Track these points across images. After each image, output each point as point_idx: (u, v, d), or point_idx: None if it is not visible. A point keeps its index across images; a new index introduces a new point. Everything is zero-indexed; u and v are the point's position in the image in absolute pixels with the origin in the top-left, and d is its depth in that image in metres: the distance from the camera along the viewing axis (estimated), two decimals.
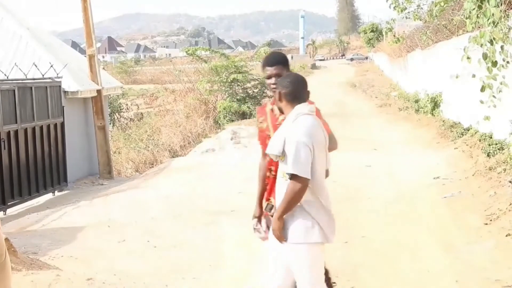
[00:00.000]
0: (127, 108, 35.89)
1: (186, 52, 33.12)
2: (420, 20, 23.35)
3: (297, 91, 4.52)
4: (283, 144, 4.20)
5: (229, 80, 28.67)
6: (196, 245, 8.36)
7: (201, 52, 33.73)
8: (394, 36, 22.48)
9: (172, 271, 7.20)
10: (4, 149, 12.53)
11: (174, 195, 12.14)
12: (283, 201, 4.22)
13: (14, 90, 13.10)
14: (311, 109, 4.46)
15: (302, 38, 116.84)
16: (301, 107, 4.37)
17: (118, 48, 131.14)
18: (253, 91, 29.79)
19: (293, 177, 4.15)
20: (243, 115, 27.37)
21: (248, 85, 29.70)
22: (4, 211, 12.35)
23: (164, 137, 24.29)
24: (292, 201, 4.21)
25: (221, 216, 10.02)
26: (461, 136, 15.08)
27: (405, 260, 7.11)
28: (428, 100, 21.67)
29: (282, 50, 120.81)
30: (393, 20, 21.29)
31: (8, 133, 12.75)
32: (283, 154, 4.21)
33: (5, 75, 13.34)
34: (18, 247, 7.62)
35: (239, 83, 29.04)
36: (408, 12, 21.85)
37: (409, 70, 33.08)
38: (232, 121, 26.70)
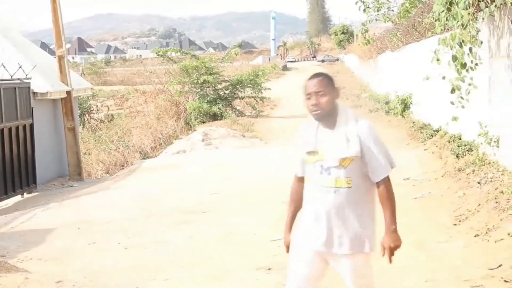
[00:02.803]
0: (97, 110, 35.63)
1: (157, 53, 33.01)
2: (391, 22, 23.53)
3: None
4: (359, 144, 4.00)
5: (200, 81, 28.63)
6: (168, 245, 8.34)
7: (172, 54, 33.64)
8: (365, 38, 22.59)
9: (143, 271, 7.16)
10: None
11: (146, 196, 12.09)
12: (392, 209, 4.14)
13: None
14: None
15: (273, 39, 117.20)
16: (345, 105, 4.26)
17: (88, 49, 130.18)
18: (224, 93, 29.80)
19: (386, 178, 4.09)
20: (214, 117, 27.36)
21: (219, 86, 29.70)
22: None
23: (135, 138, 24.16)
24: (395, 203, 4.16)
25: (193, 216, 10.00)
26: (431, 137, 15.22)
27: (376, 258, 7.14)
28: (398, 102, 21.83)
29: (254, 51, 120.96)
30: (368, 22, 21.42)
31: None
32: (358, 155, 4.01)
33: None
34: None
35: (210, 84, 29.03)
36: (378, 14, 22.00)
37: (379, 71, 33.31)
38: (203, 122, 26.67)
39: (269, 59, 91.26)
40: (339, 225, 4.06)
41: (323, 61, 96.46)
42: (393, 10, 22.77)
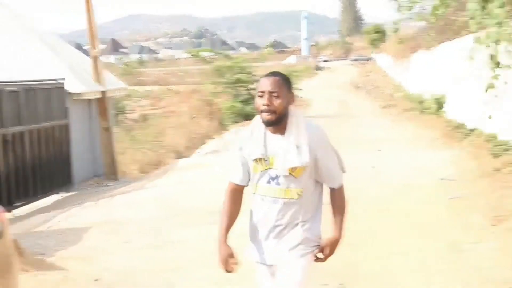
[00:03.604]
0: (132, 110, 35.91)
1: (190, 53, 33.21)
2: (424, 20, 23.36)
3: None
4: (309, 152, 3.71)
5: (233, 81, 28.72)
6: (200, 245, 8.38)
7: (205, 53, 33.80)
8: (397, 37, 22.47)
9: (175, 270, 7.21)
10: (10, 150, 12.56)
11: (178, 196, 12.17)
12: (342, 217, 3.94)
13: (19, 92, 13.14)
14: None
15: (305, 39, 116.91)
16: (298, 110, 3.90)
17: (122, 50, 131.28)
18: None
19: (339, 186, 3.90)
20: (247, 116, 27.41)
21: (252, 86, 29.76)
22: (11, 212, 12.37)
23: (169, 138, 24.32)
24: (346, 211, 3.98)
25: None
26: (467, 136, 15.08)
27: (410, 260, 7.11)
28: (432, 101, 21.67)
29: (285, 51, 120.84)
30: (401, 20, 21.27)
31: (13, 134, 12.78)
32: (307, 164, 3.73)
33: (10, 77, 13.37)
34: (26, 248, 7.65)
35: (243, 84, 29.09)
36: (411, 13, 21.85)
37: (413, 71, 33.08)
38: (236, 122, 26.74)
39: (301, 59, 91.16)
40: (288, 237, 3.82)
41: (355, 60, 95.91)
42: (425, 9, 22.61)
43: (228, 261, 3.93)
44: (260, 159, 3.77)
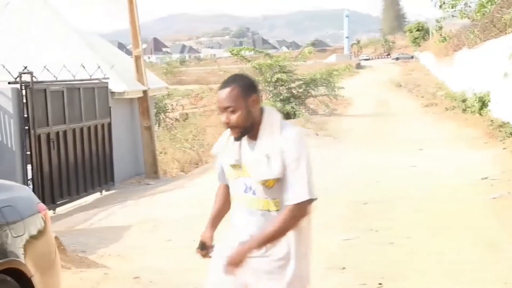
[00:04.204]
0: (173, 109, 36.12)
1: (231, 52, 33.26)
2: (468, 18, 23.05)
3: None
4: (281, 161, 3.36)
5: (273, 80, 28.68)
6: None
7: (246, 52, 33.82)
8: (441, 35, 22.21)
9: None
10: (54, 149, 12.75)
11: None
12: (274, 235, 3.38)
13: (62, 91, 13.33)
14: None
15: (347, 37, 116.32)
16: (274, 111, 3.57)
17: (164, 49, 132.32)
18: (298, 91, 29.76)
19: (301, 202, 3.37)
20: (287, 115, 27.35)
21: (293, 85, 29.67)
22: (53, 210, 12.55)
23: (209, 137, 24.39)
24: (287, 231, 3.42)
25: None
26: (510, 136, 14.84)
27: (450, 260, 7.03)
28: (475, 100, 21.38)
29: (327, 49, 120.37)
30: (443, 18, 21.04)
31: (57, 133, 12.97)
32: (278, 176, 3.38)
33: (54, 76, 13.56)
34: (67, 245, 7.75)
35: (283, 83, 29.04)
36: (455, 11, 21.60)
37: (456, 69, 32.67)
38: None
39: (342, 57, 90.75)
40: (266, 254, 3.47)
41: (397, 58, 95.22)
42: (470, 6, 22.30)
43: (204, 245, 3.84)
44: (235, 165, 3.52)
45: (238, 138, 3.45)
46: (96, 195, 14.55)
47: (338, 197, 10.78)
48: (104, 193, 14.86)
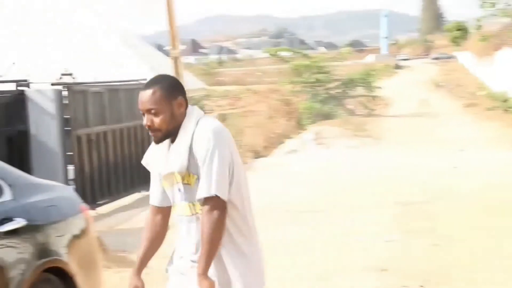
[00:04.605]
0: (211, 109, 36.25)
1: (268, 53, 33.30)
2: (509, 17, 22.70)
3: None
4: (187, 156, 3.15)
5: (311, 81, 28.62)
6: (279, 244, 8.36)
7: (283, 53, 33.82)
8: (481, 34, 21.92)
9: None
10: (94, 149, 12.87)
11: (256, 195, 12.15)
12: (205, 242, 3.12)
13: (102, 93, 13.45)
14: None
15: (385, 37, 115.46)
16: (195, 109, 3.38)
17: (202, 50, 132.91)
18: (336, 92, 29.64)
19: (207, 200, 3.10)
20: (326, 116, 27.27)
21: (331, 85, 29.58)
22: (94, 209, 12.66)
23: (247, 138, 24.41)
24: (216, 237, 3.14)
25: (303, 215, 10.00)
26: None
27: (497, 264, 6.91)
28: None
29: (364, 50, 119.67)
30: (483, 18, 20.74)
31: (98, 134, 13.09)
32: (190, 171, 3.16)
33: (94, 78, 13.71)
34: (108, 245, 7.81)
35: (321, 84, 28.96)
36: (496, 9, 21.28)
37: (497, 68, 32.21)
38: (314, 122, 26.64)
39: (380, 57, 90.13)
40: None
41: (436, 58, 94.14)
42: (510, 5, 21.94)
43: None
44: (166, 174, 3.28)
45: (158, 141, 3.26)
46: (136, 195, 14.62)
47: (381, 198, 10.72)
48: (144, 193, 14.93)
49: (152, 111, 3.17)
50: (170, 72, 17.04)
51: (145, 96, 3.20)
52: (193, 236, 3.28)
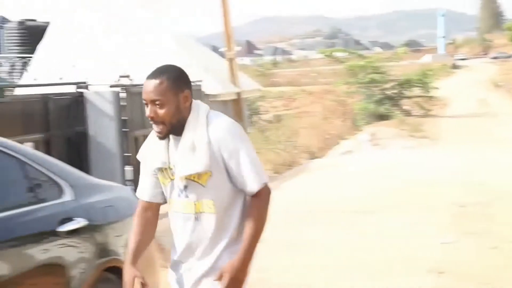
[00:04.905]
0: (265, 110, 36.32)
1: (323, 53, 33.20)
2: None
3: None
4: (209, 154, 3.02)
5: (367, 81, 28.41)
6: (333, 245, 8.33)
7: (338, 54, 33.68)
8: None
9: (309, 270, 7.19)
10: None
11: (312, 196, 12.16)
12: (254, 232, 3.11)
13: None
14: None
15: (443, 37, 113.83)
16: (201, 104, 3.23)
17: (256, 51, 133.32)
18: (392, 92, 29.35)
19: (259, 191, 3.10)
20: (381, 117, 27.03)
21: (386, 86, 29.31)
22: None
23: (302, 139, 24.38)
24: (264, 222, 3.17)
25: (358, 216, 9.93)
26: None
27: None
28: None
29: (421, 50, 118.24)
30: None
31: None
32: (205, 170, 3.05)
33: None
34: (165, 245, 7.89)
35: (376, 84, 28.71)
36: None
37: None
38: (370, 123, 26.44)
39: (437, 57, 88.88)
40: (204, 263, 3.17)
41: (495, 58, 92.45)
42: None
43: (134, 282, 3.23)
44: (165, 168, 3.16)
45: (162, 137, 3.10)
46: None
47: (437, 199, 10.58)
48: None
49: (157, 102, 3.02)
50: (226, 73, 17.15)
51: (151, 86, 3.05)
52: (187, 236, 3.17)
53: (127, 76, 12.39)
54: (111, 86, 12.35)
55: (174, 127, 3.07)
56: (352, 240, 8.49)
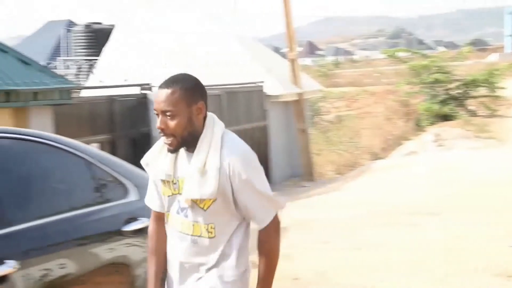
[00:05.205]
0: (327, 111, 36.17)
1: (385, 54, 32.85)
2: None
3: None
4: (218, 181, 2.82)
5: (430, 81, 27.97)
6: (397, 246, 8.24)
7: (401, 53, 33.26)
8: None
9: (372, 272, 7.14)
10: None
11: (376, 197, 12.07)
12: (269, 267, 2.95)
13: (221, 95, 13.72)
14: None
15: (509, 35, 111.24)
16: (215, 119, 2.99)
17: (318, 52, 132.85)
18: (456, 92, 28.82)
19: (270, 225, 2.94)
20: (445, 117, 26.56)
21: (451, 86, 28.79)
22: None
23: (364, 139, 24.21)
24: (276, 260, 2.99)
25: (419, 217, 9.80)
26: None
27: None
28: None
29: (487, 49, 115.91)
30: None
31: None
32: (211, 197, 2.86)
33: (213, 81, 14.01)
34: None
35: (440, 84, 28.24)
36: None
37: None
38: (433, 123, 26.03)
39: (504, 56, 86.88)
40: (197, 285, 2.95)
41: None
42: None
43: None
44: (168, 181, 2.97)
45: (173, 151, 2.90)
46: None
47: (504, 201, 10.36)
48: None
49: (168, 113, 2.83)
50: (288, 74, 17.15)
51: (163, 95, 2.83)
52: (181, 255, 2.98)
53: None
54: None
55: (186, 141, 2.88)
56: (416, 242, 8.38)
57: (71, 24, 38.47)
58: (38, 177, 3.96)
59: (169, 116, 2.82)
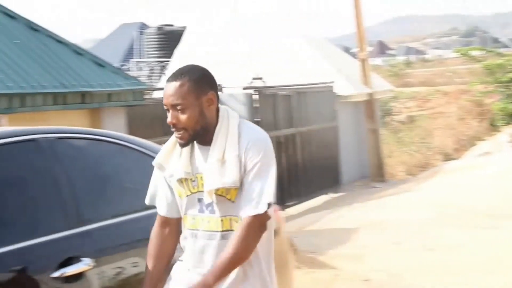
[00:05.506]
0: (398, 111, 35.73)
1: (459, 52, 32.21)
2: None
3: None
4: (238, 167, 2.73)
5: (505, 80, 27.29)
6: (471, 249, 8.08)
7: (475, 52, 32.55)
8: None
9: (445, 274, 7.04)
10: (283, 151, 13.15)
11: (449, 198, 11.86)
12: (232, 258, 2.70)
13: (291, 96, 13.73)
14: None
15: None
16: (229, 110, 2.90)
17: (388, 52, 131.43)
18: None
19: (253, 216, 2.72)
20: None
21: None
22: (284, 211, 12.94)
23: (437, 140, 23.81)
24: (249, 251, 2.77)
25: (500, 220, 9.57)
26: None
27: None
28: None
29: None
30: None
31: (286, 136, 13.38)
32: (234, 184, 2.74)
33: (283, 81, 14.04)
34: (298, 245, 7.94)
35: None
36: None
37: None
38: (509, 123, 25.38)
39: None
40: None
41: None
42: None
43: None
44: (186, 179, 2.83)
45: (184, 144, 2.78)
46: (324, 197, 14.77)
47: None
48: (331, 195, 15.04)
49: (178, 107, 2.72)
50: (358, 74, 17.02)
51: (171, 89, 2.73)
52: (209, 256, 2.83)
53: (260, 78, 12.58)
54: (244, 88, 12.59)
55: (198, 134, 2.77)
56: (491, 245, 8.21)
57: (143, 26, 39.21)
58: (112, 177, 4.04)
59: (179, 110, 2.73)
